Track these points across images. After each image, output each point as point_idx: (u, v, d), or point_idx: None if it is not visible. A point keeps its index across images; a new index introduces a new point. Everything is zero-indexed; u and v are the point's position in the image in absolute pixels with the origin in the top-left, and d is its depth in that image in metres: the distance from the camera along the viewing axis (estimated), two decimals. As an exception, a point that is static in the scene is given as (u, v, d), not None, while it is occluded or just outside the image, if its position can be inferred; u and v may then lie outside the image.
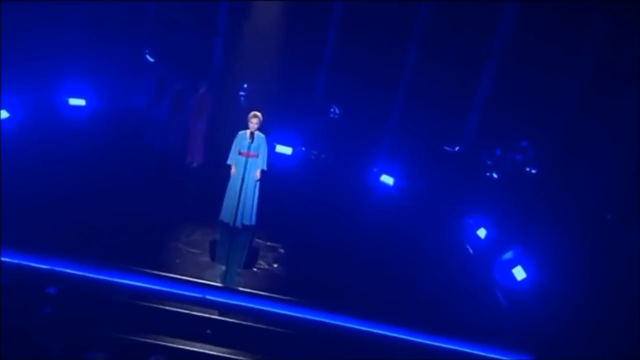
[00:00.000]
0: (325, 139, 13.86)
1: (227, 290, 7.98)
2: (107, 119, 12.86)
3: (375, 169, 13.15)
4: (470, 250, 10.82)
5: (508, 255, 9.89)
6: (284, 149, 12.91)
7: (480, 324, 8.45)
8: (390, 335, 7.86)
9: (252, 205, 9.54)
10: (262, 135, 9.41)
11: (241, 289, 8.05)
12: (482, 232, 10.95)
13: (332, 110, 14.24)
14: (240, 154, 9.35)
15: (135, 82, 13.82)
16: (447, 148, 13.90)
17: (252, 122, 9.19)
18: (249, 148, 9.17)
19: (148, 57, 14.81)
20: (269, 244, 9.45)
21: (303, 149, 13.62)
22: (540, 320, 8.55)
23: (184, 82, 12.16)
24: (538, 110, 12.14)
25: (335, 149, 13.73)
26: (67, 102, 12.80)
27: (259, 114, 9.21)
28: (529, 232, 10.29)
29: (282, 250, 9.33)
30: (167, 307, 7.56)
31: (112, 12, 13.38)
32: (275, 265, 8.89)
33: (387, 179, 12.93)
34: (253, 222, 9.59)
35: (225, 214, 9.54)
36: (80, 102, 12.93)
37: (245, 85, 13.88)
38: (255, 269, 8.70)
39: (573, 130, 11.47)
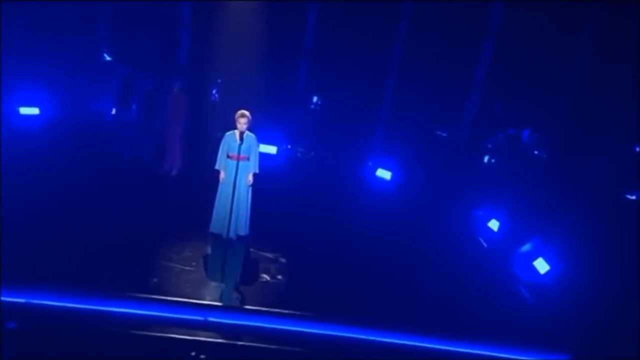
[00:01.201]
0: (311, 135, 13.82)
1: (231, 309, 7.83)
2: (66, 128, 12.62)
3: (370, 163, 13.16)
4: (485, 244, 10.87)
5: (526, 247, 9.99)
6: (268, 148, 12.82)
7: (506, 324, 8.38)
8: (413, 345, 7.79)
9: (246, 214, 9.36)
10: (253, 135, 9.23)
11: (247, 307, 7.91)
12: (494, 224, 10.98)
13: (314, 101, 14.21)
14: (229, 157, 9.10)
15: (95, 84, 13.58)
16: (439, 133, 14.01)
17: (240, 122, 8.96)
18: (239, 150, 8.90)
19: (106, 56, 14.64)
20: (268, 254, 9.39)
21: (288, 146, 13.58)
22: (573, 314, 8.52)
23: (154, 82, 11.99)
24: (541, 89, 12.06)
25: (323, 144, 13.76)
26: (18, 111, 12.53)
27: (247, 112, 8.98)
28: (545, 220, 10.29)
29: (283, 260, 9.26)
30: (166, 335, 7.35)
31: (62, 9, 13.02)
32: (279, 277, 8.80)
33: (384, 173, 12.94)
34: (247, 231, 9.46)
35: (217, 225, 9.25)
36: (34, 110, 12.70)
37: (218, 81, 13.80)
38: (258, 284, 8.59)
39: (580, 108, 11.57)
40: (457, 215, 11.63)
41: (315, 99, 14.22)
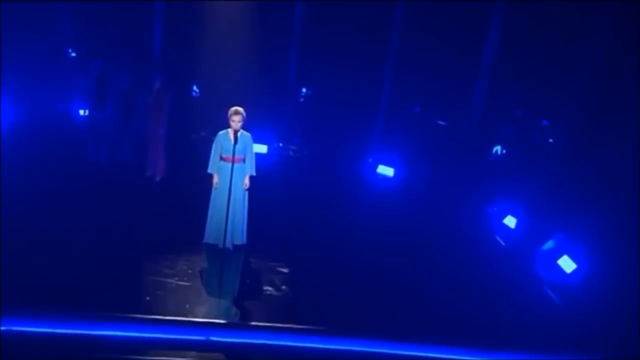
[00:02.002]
0: (303, 131, 13.69)
1: (235, 327, 7.61)
2: (31, 133, 12.36)
3: (369, 160, 13.05)
4: (502, 243, 10.76)
5: (549, 244, 9.83)
6: (258, 148, 12.62)
7: (532, 329, 8.14)
8: (434, 357, 7.48)
9: (243, 221, 9.34)
10: (248, 134, 9.15)
11: (253, 323, 7.72)
12: (510, 221, 10.85)
13: (305, 94, 14.08)
14: (222, 159, 9.06)
15: (61, 84, 13.43)
16: (445, 123, 13.91)
17: (234, 120, 8.86)
18: (233, 151, 8.78)
19: (71, 51, 14.40)
20: (269, 263, 9.23)
21: (280, 145, 13.45)
22: (606, 316, 8.36)
23: (130, 78, 11.74)
24: (556, 70, 11.88)
25: (318, 141, 13.71)
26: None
27: (241, 109, 8.90)
28: (568, 213, 10.16)
29: (285, 270, 9.08)
30: (165, 358, 7.02)
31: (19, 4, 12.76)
32: (284, 288, 8.62)
33: (386, 170, 12.82)
34: (245, 240, 9.42)
35: (212, 235, 9.23)
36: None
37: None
38: (262, 297, 8.39)
39: (596, 93, 11.53)
40: (469, 212, 11.53)
41: (305, 91, 14.05)
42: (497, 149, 12.67)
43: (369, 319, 8.07)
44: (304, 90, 13.95)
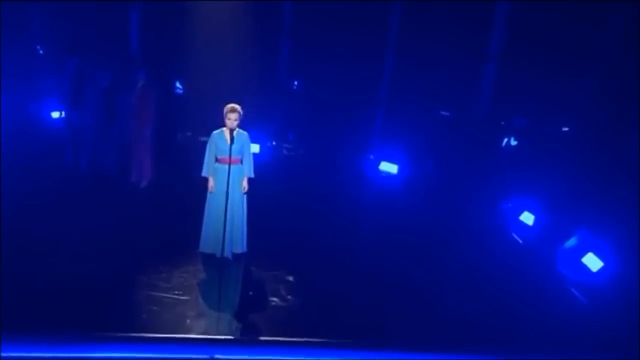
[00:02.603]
0: (298, 127, 13.53)
1: (242, 342, 7.47)
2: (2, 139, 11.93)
3: (371, 156, 12.97)
4: (520, 241, 10.64)
5: (572, 241, 9.69)
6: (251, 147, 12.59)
7: (558, 332, 8.06)
8: None
9: (242, 227, 9.08)
10: (245, 133, 8.91)
11: (261, 338, 7.56)
12: (527, 217, 10.72)
13: (298, 87, 13.93)
14: (218, 161, 8.85)
15: (35, 83, 13.22)
16: (451, 114, 13.79)
17: (230, 118, 8.62)
18: (230, 152, 8.59)
19: (39, 49, 14.17)
20: (272, 272, 9.06)
21: (273, 143, 13.32)
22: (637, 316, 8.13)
23: (111, 77, 11.56)
24: (573, 54, 11.61)
25: (313, 138, 13.54)
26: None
27: (237, 106, 8.66)
28: (592, 208, 10.01)
29: (290, 278, 8.93)
30: None
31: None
32: (290, 298, 8.44)
33: (389, 167, 12.66)
34: (245, 247, 9.18)
35: (208, 243, 8.99)
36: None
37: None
38: (268, 309, 8.19)
39: (618, 75, 11.31)
40: (482, 210, 11.39)
41: (297, 84, 13.91)
42: (508, 139, 12.50)
43: (384, 329, 7.95)
44: (295, 83, 13.67)
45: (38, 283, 8.03)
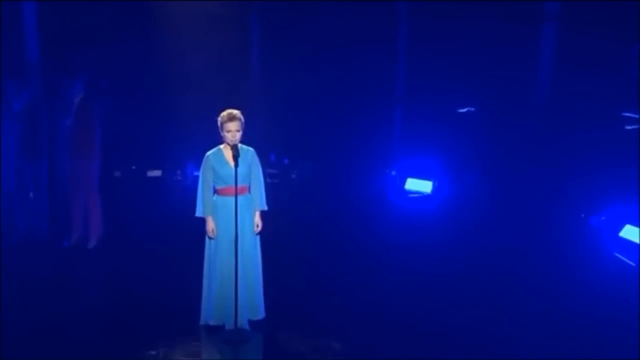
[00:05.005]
0: (286, 146, 13.58)
1: None
2: None
3: (393, 172, 13.15)
4: (631, 263, 10.43)
5: None
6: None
7: None
8: None
9: (258, 283, 8.50)
10: (251, 149, 8.26)
11: None
12: (631, 233, 10.64)
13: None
14: (218, 193, 8.25)
15: None
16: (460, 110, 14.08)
17: (229, 129, 8.00)
18: (235, 178, 8.01)
19: None
20: (305, 340, 8.48)
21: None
22: None
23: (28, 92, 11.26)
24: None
25: (310, 157, 13.68)
26: None
27: (237, 112, 8.08)
28: None
29: (336, 345, 8.38)
30: None
31: None
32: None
33: (419, 185, 12.82)
34: (263, 312, 8.58)
35: (214, 312, 8.33)
36: None
37: None
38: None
39: None
40: (562, 230, 11.34)
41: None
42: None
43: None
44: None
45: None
